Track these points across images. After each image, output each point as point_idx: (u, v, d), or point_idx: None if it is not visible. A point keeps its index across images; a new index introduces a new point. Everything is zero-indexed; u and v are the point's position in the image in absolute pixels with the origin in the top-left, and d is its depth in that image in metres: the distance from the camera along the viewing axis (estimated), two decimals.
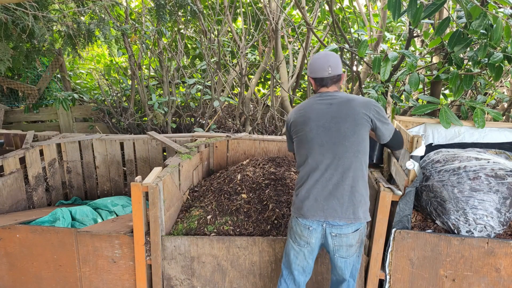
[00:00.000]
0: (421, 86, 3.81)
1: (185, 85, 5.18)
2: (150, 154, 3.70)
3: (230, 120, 4.98)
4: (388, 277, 2.34)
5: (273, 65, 4.69)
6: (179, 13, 4.72)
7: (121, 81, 5.66)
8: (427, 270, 2.29)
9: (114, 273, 2.56)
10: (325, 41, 4.94)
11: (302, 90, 5.99)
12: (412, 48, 3.66)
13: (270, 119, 5.02)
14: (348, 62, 3.86)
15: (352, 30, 4.30)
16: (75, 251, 2.53)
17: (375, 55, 2.93)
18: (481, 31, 2.36)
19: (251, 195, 2.79)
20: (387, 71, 2.79)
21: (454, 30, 2.49)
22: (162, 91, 5.37)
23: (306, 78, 5.49)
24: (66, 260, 2.56)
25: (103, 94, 5.10)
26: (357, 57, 3.75)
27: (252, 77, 5.67)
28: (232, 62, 5.62)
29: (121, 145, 3.74)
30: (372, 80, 5.03)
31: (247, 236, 2.47)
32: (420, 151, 2.13)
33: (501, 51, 2.49)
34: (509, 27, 2.23)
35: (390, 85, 3.38)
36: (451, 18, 2.43)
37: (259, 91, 6.37)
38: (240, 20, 5.91)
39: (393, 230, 2.24)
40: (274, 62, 4.78)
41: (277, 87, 5.28)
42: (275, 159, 3.26)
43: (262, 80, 6.19)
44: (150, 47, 4.86)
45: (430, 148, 2.61)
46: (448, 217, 2.22)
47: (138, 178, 2.37)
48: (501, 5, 2.73)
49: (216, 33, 4.93)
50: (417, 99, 3.85)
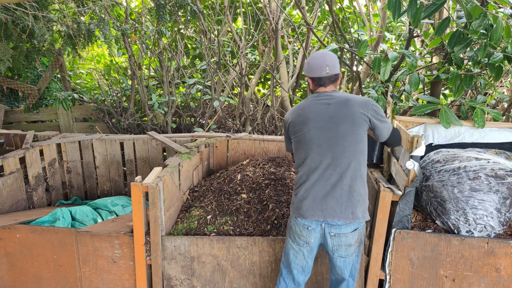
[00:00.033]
0: (421, 86, 3.81)
1: (185, 85, 5.18)
2: (150, 154, 3.70)
3: (230, 120, 4.98)
4: (388, 277, 2.34)
5: (273, 65, 4.69)
6: (179, 13, 4.72)
7: (121, 81, 5.66)
8: (427, 270, 2.29)
9: (114, 273, 2.56)
10: (325, 41, 4.94)
11: (302, 90, 5.99)
12: (412, 48, 3.66)
13: (270, 119, 5.02)
14: (348, 62, 3.86)
15: (352, 30, 4.29)
16: (75, 251, 2.53)
17: (375, 55, 2.93)
18: (481, 31, 2.36)
19: (251, 195, 2.79)
20: (387, 71, 2.79)
21: (454, 30, 2.49)
22: (162, 91, 5.37)
23: (306, 78, 5.48)
24: (66, 260, 2.56)
25: (103, 94, 5.10)
26: (357, 57, 3.75)
27: (252, 77, 5.67)
28: (232, 62, 5.62)
29: (121, 145, 3.74)
30: (372, 80, 5.03)
31: (247, 236, 2.47)
32: (420, 151, 2.13)
33: (501, 51, 2.49)
34: (509, 27, 2.23)
35: (390, 85, 3.38)
36: (451, 18, 2.43)
37: (259, 91, 6.36)
38: (240, 20, 5.91)
39: (393, 230, 2.24)
40: (274, 62, 4.78)
41: (277, 87, 5.28)
42: (275, 159, 3.26)
43: (262, 80, 6.19)
44: (150, 47, 4.86)
45: (430, 148, 2.61)
46: (448, 217, 2.22)
47: (138, 178, 2.37)
48: (501, 5, 2.73)
49: (216, 33, 4.92)
50: (417, 99, 3.85)
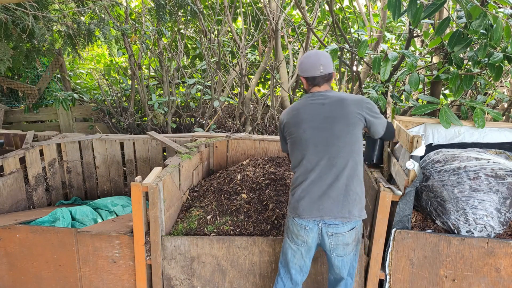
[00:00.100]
0: (421, 86, 3.81)
1: (185, 85, 5.18)
2: (150, 154, 3.70)
3: (230, 120, 4.98)
4: (388, 277, 2.34)
5: (273, 65, 4.69)
6: (179, 13, 4.72)
7: (121, 81, 5.66)
8: (427, 270, 2.29)
9: (114, 273, 2.56)
10: (325, 41, 4.94)
11: (302, 90, 5.98)
12: (412, 48, 3.66)
13: (270, 119, 5.02)
14: (348, 62, 3.86)
15: (352, 30, 4.30)
16: (75, 251, 2.53)
17: (375, 55, 2.93)
18: (481, 31, 2.36)
19: (251, 195, 2.79)
20: (387, 71, 2.79)
21: (454, 30, 2.49)
22: (162, 91, 5.37)
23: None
24: (66, 260, 2.56)
25: (103, 94, 5.10)
26: (357, 57, 3.75)
27: (252, 77, 5.67)
28: (232, 62, 5.62)
29: (121, 145, 3.74)
30: (372, 80, 5.03)
31: (247, 236, 2.47)
32: (420, 151, 2.13)
33: (501, 51, 2.48)
34: (509, 27, 2.23)
35: (390, 85, 3.38)
36: (451, 18, 2.43)
37: (259, 91, 6.36)
38: (240, 20, 5.91)
39: (393, 230, 2.24)
40: (274, 62, 4.78)
41: (277, 87, 5.28)
42: (275, 159, 3.26)
43: (262, 80, 6.19)
44: (150, 47, 4.86)
45: (430, 148, 2.60)
46: (448, 217, 2.21)
47: (138, 178, 2.37)
48: (501, 5, 2.72)
49: (216, 33, 4.92)
50: (417, 99, 3.84)
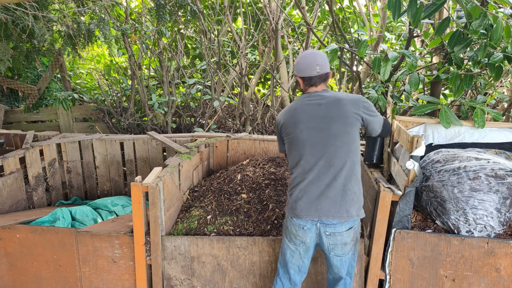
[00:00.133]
0: (421, 86, 3.81)
1: (185, 85, 5.18)
2: (150, 154, 3.70)
3: (230, 120, 4.98)
4: (388, 277, 2.34)
5: (273, 65, 4.69)
6: (179, 13, 4.72)
7: (121, 81, 5.66)
8: (427, 270, 2.29)
9: (114, 273, 2.56)
10: (325, 41, 4.94)
11: (301, 90, 5.98)
12: (412, 48, 3.66)
13: (270, 119, 5.02)
14: (348, 62, 3.86)
15: (352, 30, 4.29)
16: (75, 251, 2.53)
17: (375, 55, 2.93)
18: (481, 31, 2.36)
19: (251, 195, 2.79)
20: (387, 71, 2.79)
21: (454, 30, 2.49)
22: (162, 91, 5.37)
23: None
24: (66, 260, 2.56)
25: (103, 94, 5.10)
26: (357, 57, 3.75)
27: (252, 77, 5.67)
28: (232, 62, 5.62)
29: (121, 145, 3.74)
30: (372, 80, 5.03)
31: (247, 236, 2.47)
32: (420, 151, 2.13)
33: (501, 51, 2.48)
34: (509, 27, 2.23)
35: (390, 85, 3.38)
36: (451, 18, 2.43)
37: (259, 91, 6.36)
38: (240, 20, 5.91)
39: (393, 230, 2.24)
40: (274, 62, 4.78)
41: (277, 87, 5.28)
42: (275, 159, 3.26)
43: (262, 80, 6.19)
44: (150, 47, 4.86)
45: (430, 148, 2.60)
46: (448, 217, 2.21)
47: (138, 178, 2.37)
48: (501, 5, 2.72)
49: (216, 33, 4.92)
50: (417, 99, 3.84)
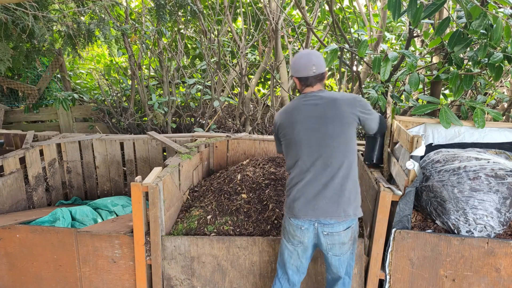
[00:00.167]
0: (421, 86, 3.81)
1: (185, 85, 5.18)
2: (150, 154, 3.70)
3: (230, 120, 4.98)
4: (388, 277, 2.34)
5: (273, 65, 4.69)
6: (179, 13, 4.72)
7: (121, 81, 5.66)
8: (427, 270, 2.29)
9: (114, 273, 2.56)
10: (325, 41, 4.94)
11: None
12: (412, 48, 3.65)
13: (270, 119, 5.02)
14: (348, 62, 3.86)
15: (352, 30, 4.29)
16: (75, 251, 2.53)
17: (375, 55, 2.93)
18: (481, 31, 2.36)
19: (251, 195, 2.79)
20: (387, 71, 2.79)
21: (454, 30, 2.49)
22: (162, 91, 5.37)
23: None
24: (66, 260, 2.56)
25: (103, 94, 5.10)
26: (357, 57, 3.75)
27: (252, 77, 5.67)
28: (232, 62, 5.62)
29: (121, 145, 3.74)
30: (372, 80, 5.03)
31: (247, 236, 2.47)
32: (420, 151, 2.13)
33: (501, 51, 2.48)
34: (509, 27, 2.23)
35: (390, 85, 3.38)
36: (451, 18, 2.43)
37: (259, 91, 6.36)
38: (240, 20, 5.91)
39: (393, 230, 2.24)
40: (274, 62, 4.78)
41: (277, 87, 5.28)
42: (275, 159, 3.26)
43: (262, 80, 6.19)
44: (150, 47, 4.86)
45: (430, 148, 2.60)
46: (448, 217, 2.21)
47: (138, 178, 2.37)
48: (501, 5, 2.72)
49: (216, 33, 4.92)
50: (417, 99, 3.84)
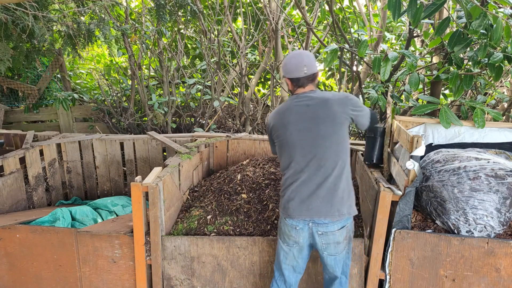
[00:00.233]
0: (421, 86, 3.81)
1: (185, 85, 5.18)
2: (150, 154, 3.70)
3: (230, 120, 4.98)
4: (388, 277, 2.34)
5: (273, 65, 4.69)
6: (179, 13, 4.72)
7: (121, 81, 5.66)
8: (427, 270, 2.29)
9: (114, 273, 2.56)
10: (325, 41, 4.94)
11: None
12: (412, 48, 3.65)
13: None
14: (348, 62, 3.86)
15: (352, 30, 4.29)
16: (75, 251, 2.53)
17: (375, 55, 2.93)
18: (481, 31, 2.36)
19: (251, 195, 2.79)
20: (387, 71, 2.79)
21: (454, 30, 2.49)
22: (162, 91, 5.37)
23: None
24: (66, 260, 2.56)
25: (103, 94, 5.10)
26: (357, 57, 3.75)
27: (252, 77, 5.67)
28: (232, 62, 5.62)
29: (121, 145, 3.74)
30: (372, 80, 5.03)
31: (247, 236, 2.47)
32: (420, 151, 2.13)
33: (501, 51, 2.48)
34: (509, 27, 2.23)
35: (390, 85, 3.38)
36: (451, 18, 2.43)
37: (259, 91, 6.36)
38: (240, 20, 5.91)
39: (393, 230, 2.24)
40: (274, 62, 4.78)
41: (277, 87, 5.28)
42: (275, 159, 3.26)
43: (262, 80, 6.19)
44: (150, 47, 4.86)
45: (430, 148, 2.60)
46: (448, 217, 2.21)
47: (138, 178, 2.37)
48: (501, 5, 2.72)
49: (216, 33, 4.92)
50: (417, 99, 3.84)
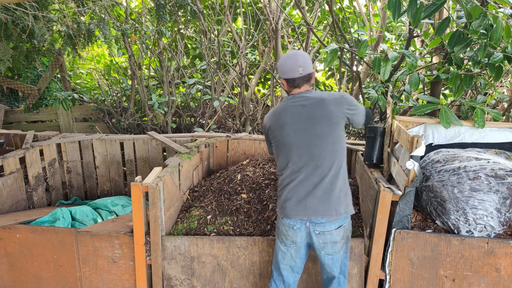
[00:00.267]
0: (421, 86, 3.81)
1: (185, 85, 5.18)
2: (150, 154, 3.70)
3: (230, 120, 4.98)
4: (388, 277, 2.34)
5: (273, 65, 4.69)
6: (179, 13, 4.72)
7: (121, 81, 5.66)
8: (427, 270, 2.29)
9: (114, 273, 2.56)
10: (325, 41, 4.94)
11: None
12: (412, 48, 3.66)
13: None
14: (348, 62, 3.86)
15: (352, 30, 4.30)
16: (75, 251, 2.53)
17: (375, 55, 2.93)
18: (481, 31, 2.36)
19: (251, 195, 2.79)
20: (387, 71, 2.79)
21: (454, 30, 2.49)
22: (162, 91, 5.37)
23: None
24: (66, 260, 2.56)
25: (103, 94, 5.10)
26: (357, 57, 3.75)
27: (252, 77, 5.67)
28: (232, 62, 5.62)
29: (121, 145, 3.74)
30: (372, 80, 5.03)
31: (247, 236, 2.47)
32: (420, 151, 2.13)
33: (501, 51, 2.48)
34: (509, 27, 2.23)
35: (390, 85, 3.38)
36: (451, 18, 2.43)
37: (259, 91, 6.36)
38: (240, 20, 5.91)
39: (393, 230, 2.24)
40: (274, 62, 4.78)
41: (277, 87, 5.28)
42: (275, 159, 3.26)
43: (262, 80, 6.19)
44: (150, 47, 4.86)
45: (430, 148, 2.60)
46: (448, 217, 2.21)
47: (138, 178, 2.37)
48: (501, 5, 2.72)
49: (216, 33, 4.92)
50: (417, 99, 3.84)
